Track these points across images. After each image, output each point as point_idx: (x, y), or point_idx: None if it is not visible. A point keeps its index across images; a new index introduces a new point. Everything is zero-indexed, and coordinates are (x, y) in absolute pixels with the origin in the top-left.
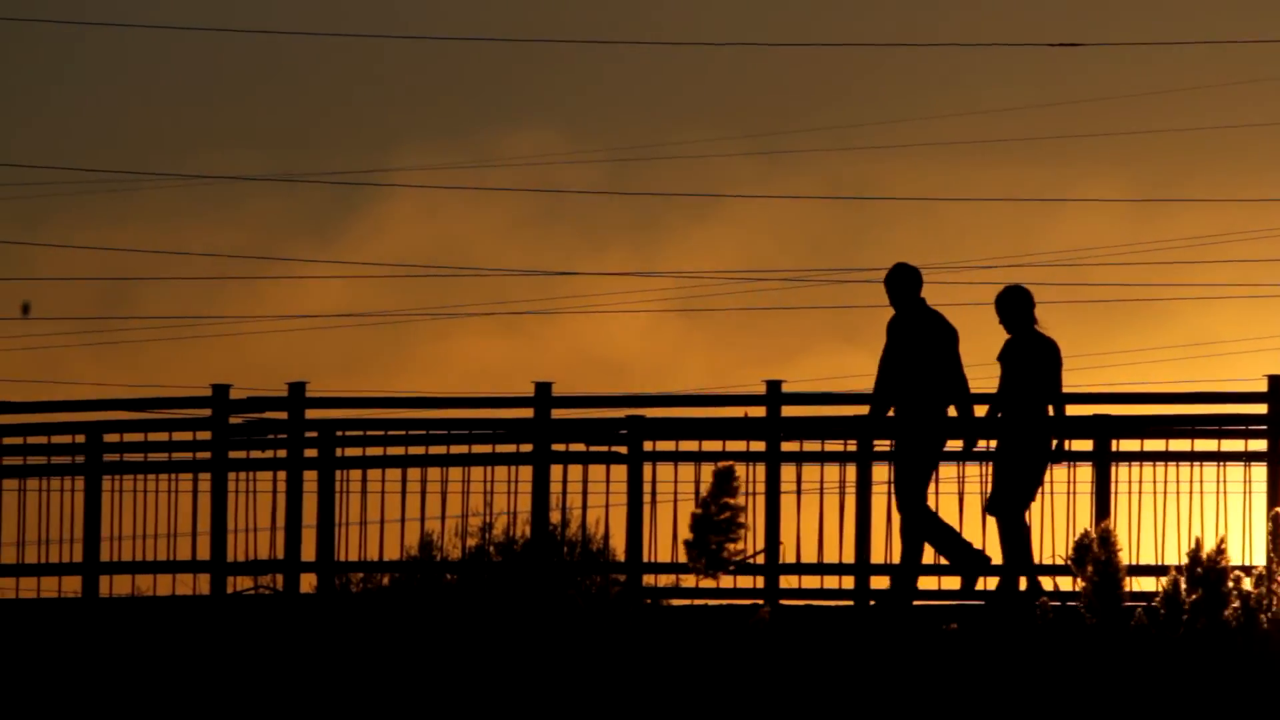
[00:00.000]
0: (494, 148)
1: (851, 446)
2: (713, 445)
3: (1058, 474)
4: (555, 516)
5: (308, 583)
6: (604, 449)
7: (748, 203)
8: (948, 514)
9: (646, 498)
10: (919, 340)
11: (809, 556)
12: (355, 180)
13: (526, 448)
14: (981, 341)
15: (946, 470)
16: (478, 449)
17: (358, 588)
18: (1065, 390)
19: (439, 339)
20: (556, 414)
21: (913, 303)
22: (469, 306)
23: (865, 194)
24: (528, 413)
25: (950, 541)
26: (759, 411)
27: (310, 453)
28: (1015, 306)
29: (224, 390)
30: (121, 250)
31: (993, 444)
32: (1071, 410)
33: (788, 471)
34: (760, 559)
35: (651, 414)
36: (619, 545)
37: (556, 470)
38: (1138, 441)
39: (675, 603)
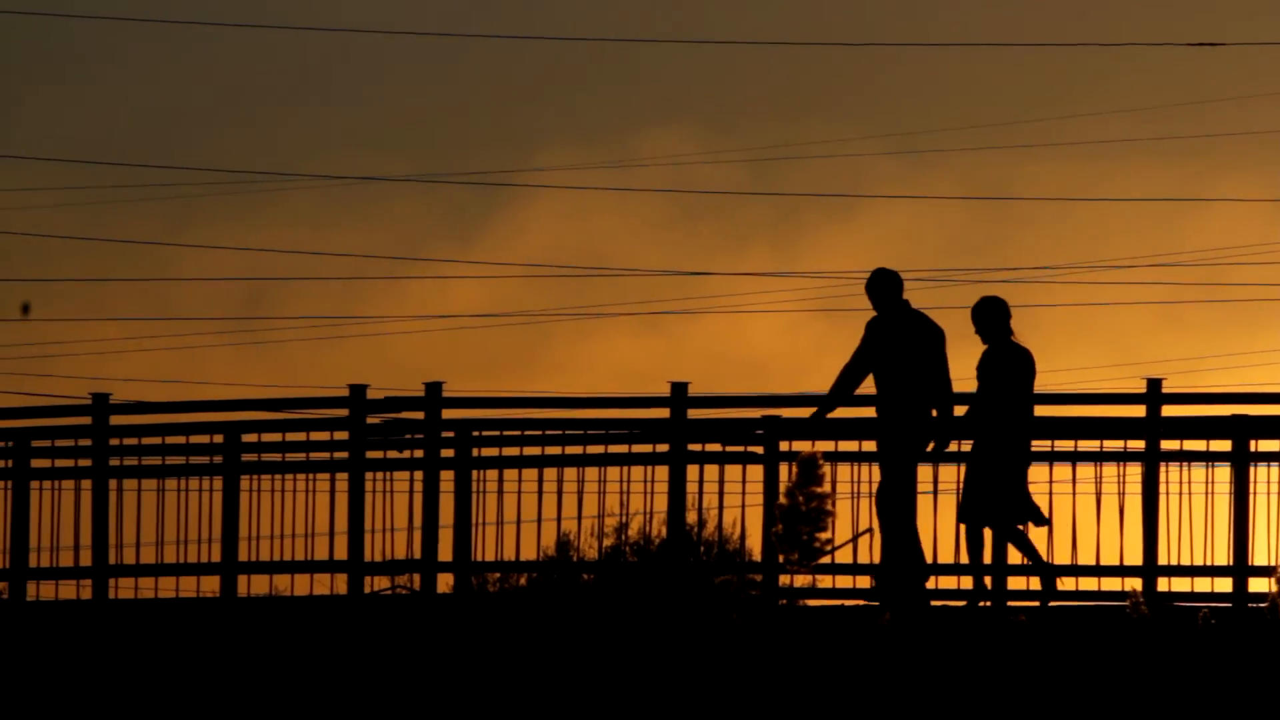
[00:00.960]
0: (634, 148)
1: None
2: (848, 445)
3: (1195, 474)
4: (691, 517)
5: (444, 583)
6: (740, 449)
7: (887, 202)
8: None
9: (782, 498)
10: (903, 342)
11: (945, 557)
12: (497, 181)
13: (663, 448)
14: (1120, 343)
15: (923, 473)
16: (614, 449)
17: (494, 588)
18: (1201, 390)
19: (578, 339)
20: (693, 414)
21: (895, 305)
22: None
23: (1004, 194)
24: (664, 413)
25: (902, 551)
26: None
27: (447, 453)
28: (991, 317)
29: (361, 390)
30: (265, 251)
31: (965, 446)
32: (1209, 410)
33: (923, 471)
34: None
35: (788, 414)
36: (755, 546)
37: (693, 470)
38: (1278, 442)
39: (811, 603)
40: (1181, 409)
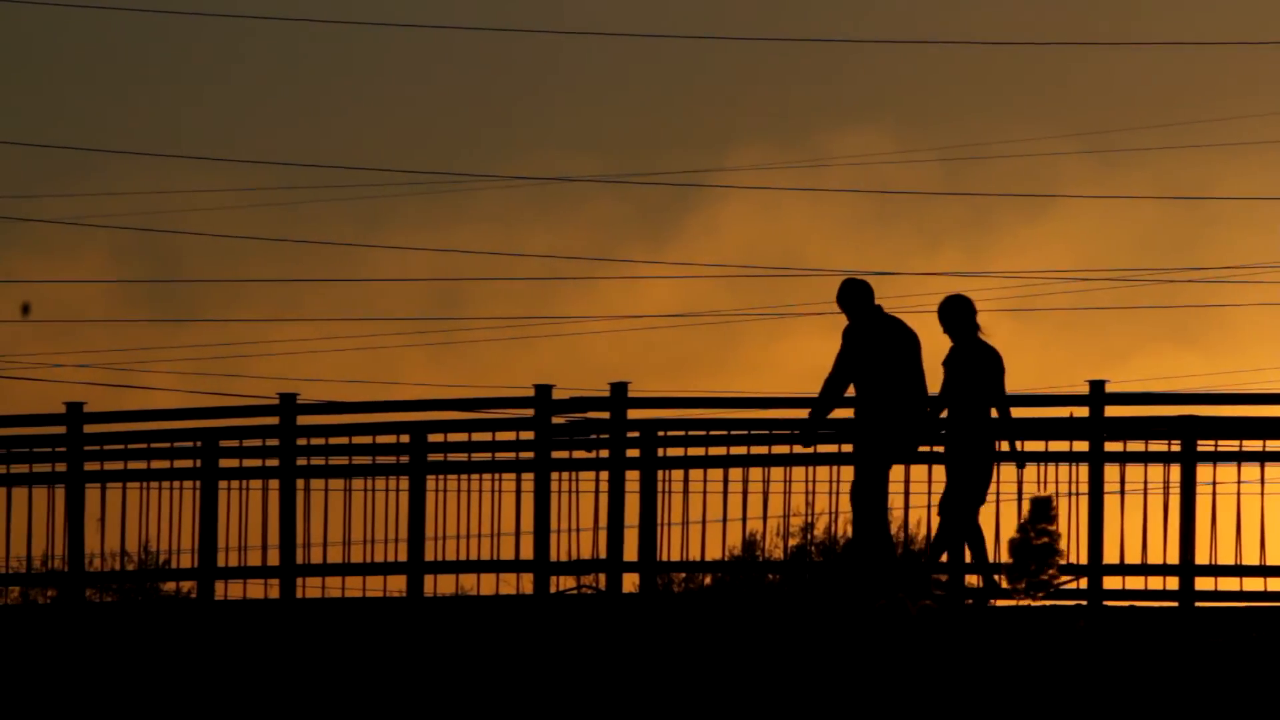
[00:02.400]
0: (826, 147)
1: (1175, 447)
2: (1035, 445)
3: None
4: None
5: (630, 583)
6: (926, 449)
7: (1079, 202)
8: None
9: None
10: (880, 347)
11: (1132, 558)
12: (689, 181)
13: (848, 447)
14: None
15: (896, 472)
16: (799, 449)
17: (679, 588)
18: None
19: (769, 339)
20: None
21: (868, 311)
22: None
23: (1199, 193)
24: (851, 413)
25: (874, 551)
26: (1082, 412)
27: (632, 452)
28: (957, 315)
29: (547, 390)
30: (456, 251)
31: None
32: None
33: (1111, 472)
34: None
35: None
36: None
37: None
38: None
39: (999, 604)
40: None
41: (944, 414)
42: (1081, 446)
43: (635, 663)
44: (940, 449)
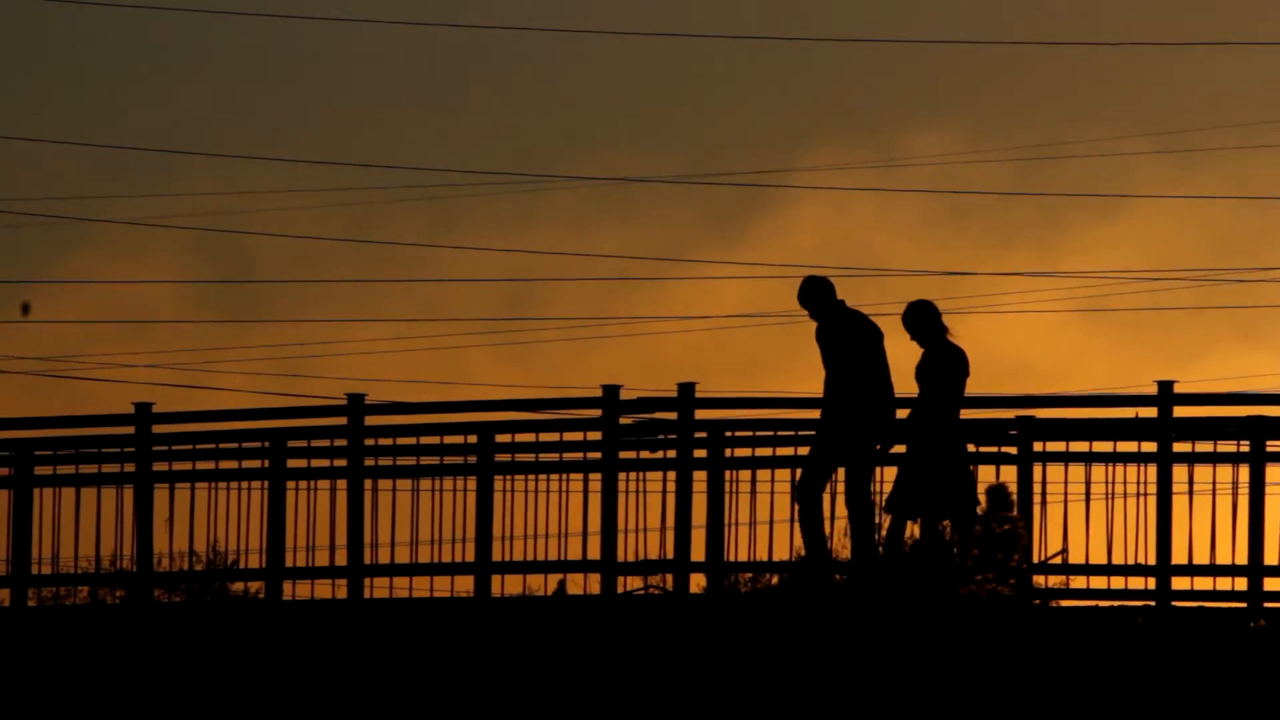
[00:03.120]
0: (898, 148)
1: (1244, 447)
2: (1103, 446)
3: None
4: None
5: (697, 583)
6: (994, 449)
7: (1153, 202)
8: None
9: (1036, 498)
10: (851, 341)
11: (1201, 559)
12: (760, 182)
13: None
14: None
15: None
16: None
17: (746, 588)
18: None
19: None
20: None
21: (832, 307)
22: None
23: (1272, 193)
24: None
25: (816, 545)
26: (1150, 413)
27: (700, 453)
28: (923, 320)
29: (614, 391)
30: (528, 252)
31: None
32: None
33: (1179, 472)
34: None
35: (1042, 415)
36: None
37: None
38: None
39: (1065, 604)
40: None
41: (908, 416)
42: (1150, 447)
43: (702, 662)
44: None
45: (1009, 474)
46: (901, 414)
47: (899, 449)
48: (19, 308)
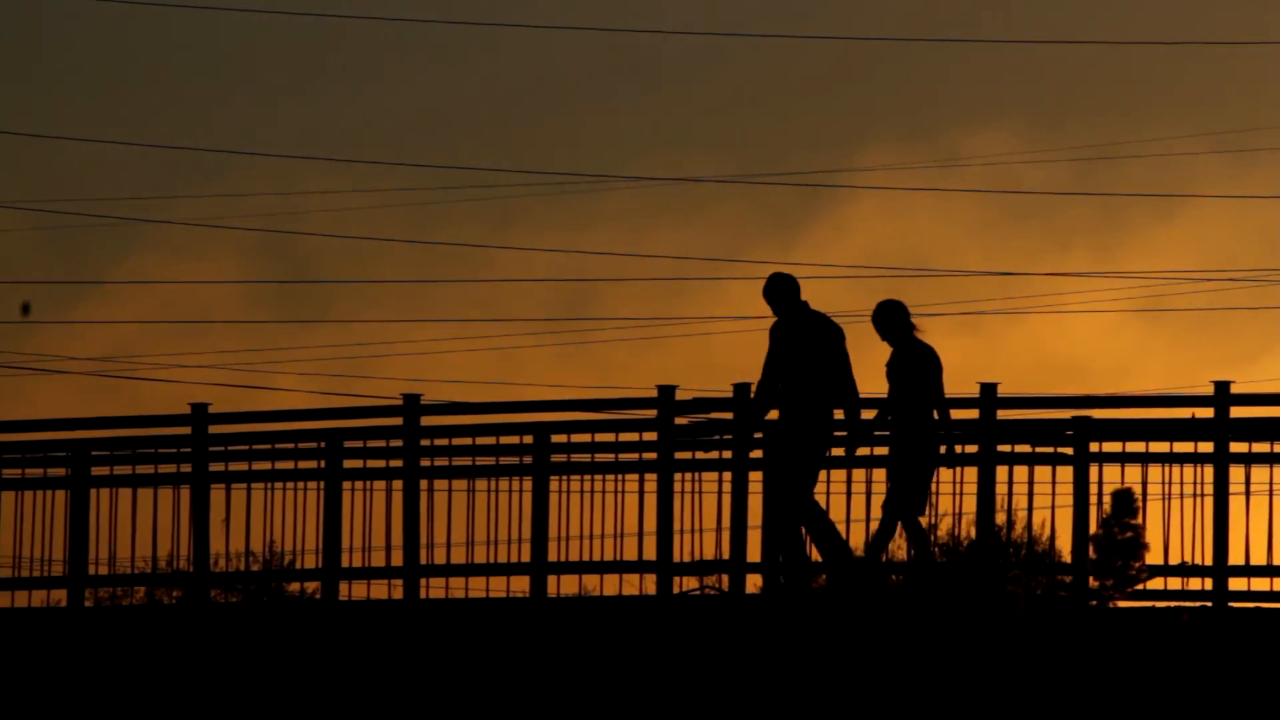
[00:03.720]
0: (957, 147)
1: None
2: (1159, 447)
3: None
4: (1000, 518)
5: (753, 583)
6: (1049, 450)
7: (1211, 202)
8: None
9: (1093, 499)
10: (807, 342)
11: (1258, 559)
12: (818, 182)
13: (972, 448)
14: None
15: (836, 474)
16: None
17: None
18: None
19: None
20: (1002, 414)
21: (795, 307)
22: (927, 307)
23: None
24: (973, 414)
25: (832, 542)
26: (1207, 413)
27: (756, 453)
28: (892, 320)
29: (669, 391)
30: (586, 253)
31: (876, 450)
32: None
33: (1236, 473)
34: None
35: (1098, 415)
36: (1065, 547)
37: (1001, 471)
38: None
39: (1122, 604)
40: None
41: (890, 418)
42: (1206, 448)
43: (757, 662)
44: (881, 451)
45: (1065, 474)
46: (868, 414)
47: (864, 450)
48: (19, 308)
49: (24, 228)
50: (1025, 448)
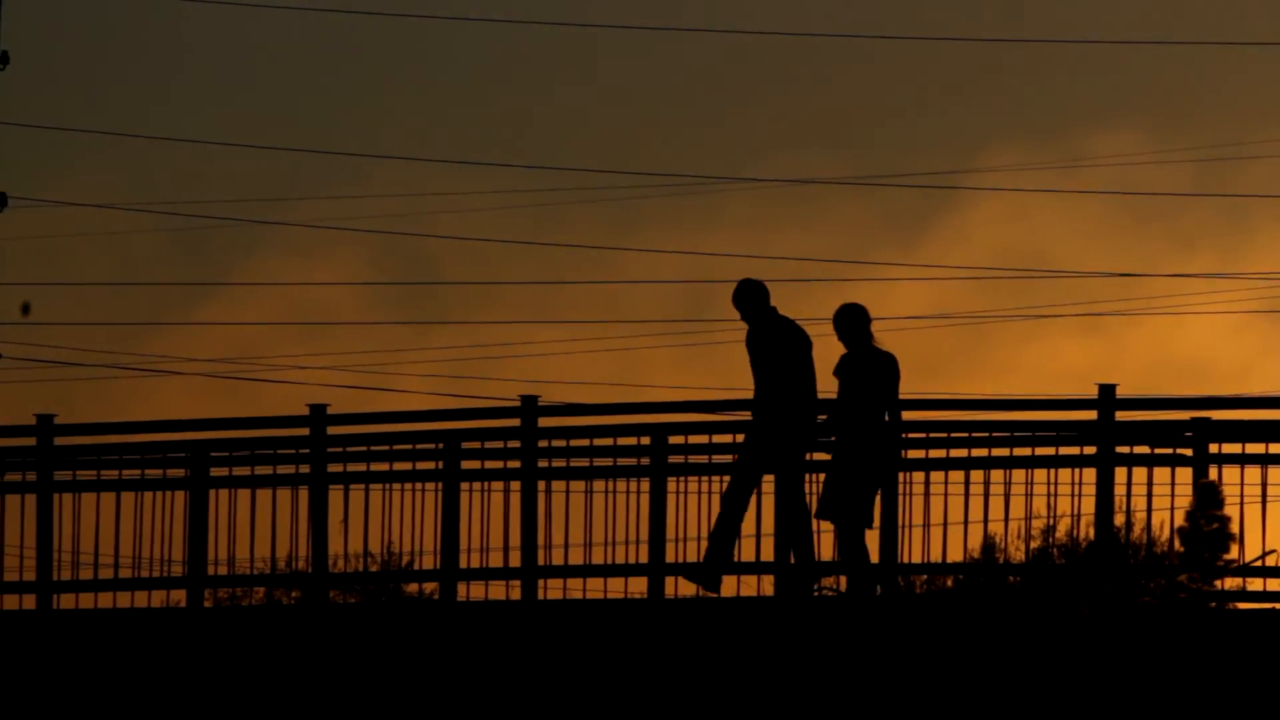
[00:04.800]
0: (1080, 149)
1: None
2: (1254, 448)
3: None
4: (1119, 519)
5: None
6: (1168, 451)
7: None
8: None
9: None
10: (780, 348)
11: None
12: (940, 184)
13: (1090, 450)
14: None
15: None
16: (1041, 451)
17: (921, 589)
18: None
19: (1019, 341)
20: (1121, 416)
21: (765, 313)
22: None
23: None
24: (1092, 415)
25: (725, 545)
26: None
27: None
28: (852, 323)
29: None
30: (707, 254)
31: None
32: None
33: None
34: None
35: (1218, 416)
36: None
37: (1120, 472)
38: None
39: (1242, 606)
40: None
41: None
42: None
43: (876, 663)
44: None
45: (1185, 476)
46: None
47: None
48: (19, 308)
49: (151, 229)
50: (1144, 449)
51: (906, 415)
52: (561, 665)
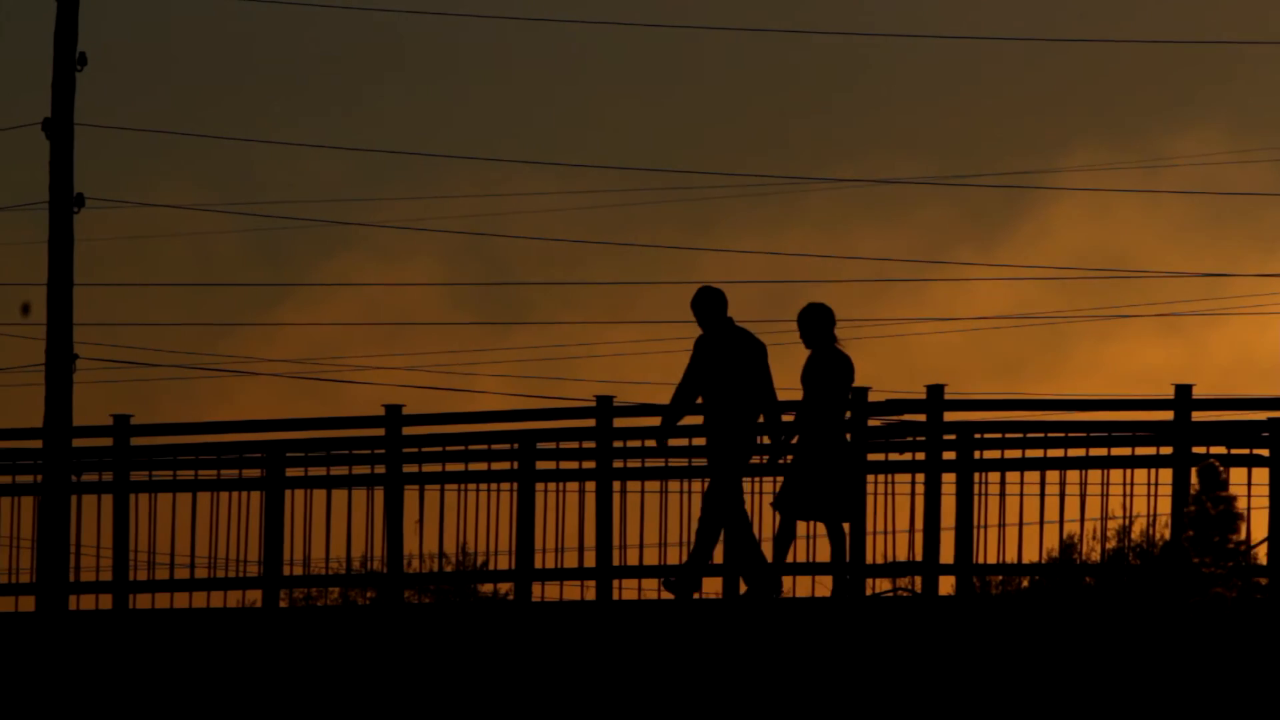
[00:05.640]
0: (1162, 149)
1: None
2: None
3: None
4: None
5: (946, 585)
6: (1245, 451)
7: None
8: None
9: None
10: (729, 356)
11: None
12: (1021, 184)
13: (1166, 450)
14: None
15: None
16: (1117, 451)
17: (996, 590)
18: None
19: (1098, 342)
20: (1197, 416)
21: (720, 322)
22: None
23: None
24: (1169, 415)
25: (749, 551)
26: None
27: (948, 455)
28: (815, 324)
29: (862, 393)
30: (786, 254)
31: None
32: None
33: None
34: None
35: None
36: (1262, 549)
37: (1196, 473)
38: None
39: None
40: None
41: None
42: None
43: (952, 664)
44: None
45: (1261, 476)
46: (787, 417)
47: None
48: (19, 309)
49: (229, 230)
50: (1220, 449)
51: (982, 415)
52: (634, 664)
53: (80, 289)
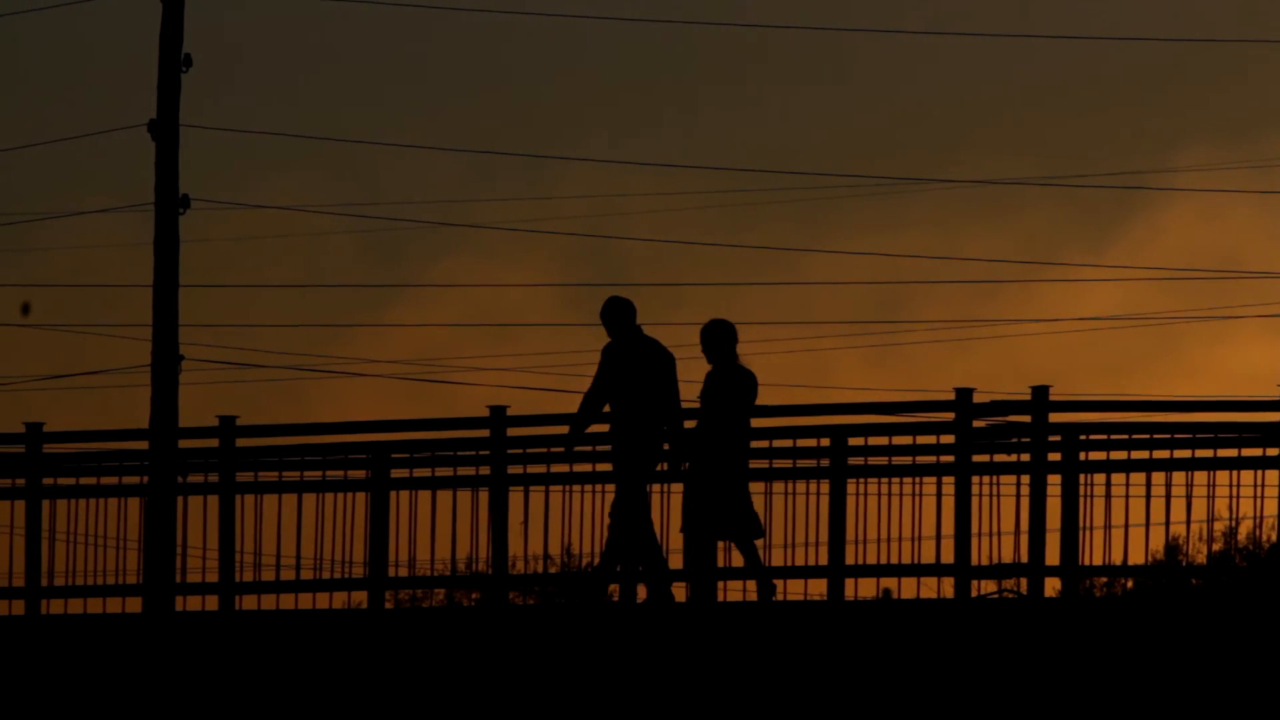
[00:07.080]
0: (1272, 149)
1: None
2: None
3: None
4: None
5: (1051, 587)
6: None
7: None
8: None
9: None
10: (636, 366)
11: None
12: (1132, 184)
13: (1273, 451)
14: None
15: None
16: (1222, 453)
17: (1101, 592)
18: None
19: (1211, 342)
20: None
21: (628, 331)
22: (1241, 309)
23: None
24: (1276, 416)
25: (655, 563)
26: None
27: (1054, 456)
28: (717, 339)
29: (967, 394)
30: (896, 256)
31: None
32: None
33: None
34: None
35: None
36: None
37: None
38: None
39: None
40: None
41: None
42: None
43: (1056, 666)
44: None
45: None
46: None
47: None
48: (19, 309)
49: (341, 230)
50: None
51: (1087, 416)
52: (739, 665)
53: (186, 290)
